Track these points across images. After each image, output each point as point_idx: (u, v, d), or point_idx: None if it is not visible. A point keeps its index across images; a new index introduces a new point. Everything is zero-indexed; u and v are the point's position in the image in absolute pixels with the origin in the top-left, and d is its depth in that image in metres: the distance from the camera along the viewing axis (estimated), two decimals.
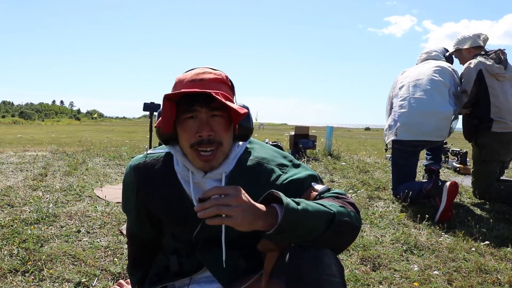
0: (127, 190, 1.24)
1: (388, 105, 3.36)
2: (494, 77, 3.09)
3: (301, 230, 0.90)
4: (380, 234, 2.50)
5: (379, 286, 1.89)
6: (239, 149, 1.14)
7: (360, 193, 3.39)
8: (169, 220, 1.20)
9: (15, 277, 1.80)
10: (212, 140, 1.04)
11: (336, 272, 0.92)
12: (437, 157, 3.44)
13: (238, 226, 0.87)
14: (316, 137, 5.82)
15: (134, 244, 1.34)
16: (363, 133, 43.73)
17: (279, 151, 1.20)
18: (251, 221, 0.88)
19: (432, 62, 3.28)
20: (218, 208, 0.86)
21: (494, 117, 3.07)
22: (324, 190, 1.06)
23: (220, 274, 1.13)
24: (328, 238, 0.93)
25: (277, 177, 1.11)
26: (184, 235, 1.17)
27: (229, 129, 1.08)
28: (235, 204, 0.86)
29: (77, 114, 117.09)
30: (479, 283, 1.92)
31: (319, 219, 0.92)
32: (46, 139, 9.49)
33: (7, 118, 66.15)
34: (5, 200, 2.78)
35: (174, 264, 1.19)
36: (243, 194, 0.89)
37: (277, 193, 0.92)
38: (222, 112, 1.05)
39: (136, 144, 7.83)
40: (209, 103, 1.03)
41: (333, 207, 0.94)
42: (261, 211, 0.90)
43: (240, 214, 0.86)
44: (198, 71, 1.09)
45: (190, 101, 1.03)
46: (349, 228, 0.96)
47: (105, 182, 3.60)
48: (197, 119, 1.04)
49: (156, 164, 1.19)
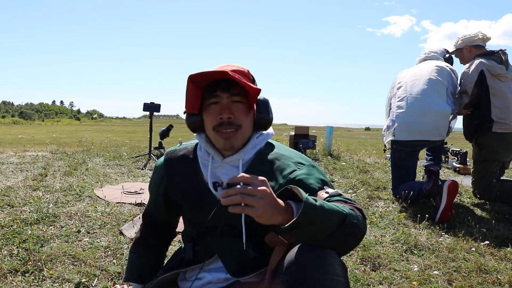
0: (156, 172, 1.34)
1: (387, 106, 3.36)
2: (496, 78, 3.09)
3: (315, 227, 0.91)
4: (380, 234, 2.51)
5: (379, 286, 1.89)
6: (258, 139, 1.21)
7: (360, 193, 3.39)
8: (186, 204, 1.26)
9: (15, 277, 1.80)
10: (232, 122, 1.13)
11: (340, 271, 0.93)
12: (437, 158, 3.44)
13: (258, 218, 0.89)
14: (316, 137, 5.82)
15: (146, 222, 1.42)
16: (363, 133, 43.72)
17: (298, 153, 1.26)
18: (271, 215, 0.89)
19: (430, 62, 3.28)
20: (243, 197, 0.87)
21: (495, 118, 3.07)
22: (335, 194, 1.08)
23: (229, 262, 1.17)
24: (337, 238, 0.94)
25: (290, 172, 1.16)
26: (199, 220, 1.22)
27: (249, 114, 1.17)
28: (259, 195, 0.87)
29: (77, 114, 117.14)
30: (479, 283, 1.92)
31: (333, 217, 0.93)
32: (46, 139, 9.50)
33: (7, 118, 66.16)
34: (5, 200, 2.78)
35: (188, 252, 1.24)
36: (268, 186, 0.91)
37: (295, 188, 0.95)
38: (242, 98, 1.15)
39: (136, 144, 7.83)
40: (229, 89, 1.13)
41: (345, 209, 0.96)
42: (281, 206, 0.92)
43: (262, 206, 0.87)
44: (222, 65, 1.20)
45: (213, 88, 1.14)
46: (356, 232, 0.97)
47: (105, 182, 3.60)
48: (219, 104, 1.15)
49: (184, 152, 1.29)
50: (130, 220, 2.54)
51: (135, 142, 9.73)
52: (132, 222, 2.51)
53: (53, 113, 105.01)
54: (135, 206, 2.87)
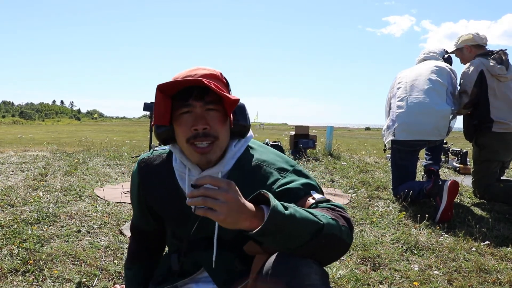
0: (132, 183, 1.28)
1: (387, 106, 3.36)
2: (495, 78, 3.09)
3: (285, 235, 0.88)
4: (380, 234, 2.51)
5: (379, 286, 1.89)
6: (236, 148, 1.13)
7: (360, 193, 3.39)
8: (166, 217, 1.22)
9: (16, 277, 1.80)
10: (207, 133, 1.04)
11: (317, 281, 0.90)
12: (436, 157, 3.44)
13: (221, 222, 0.85)
14: (316, 137, 5.82)
15: (136, 237, 1.37)
16: (363, 133, 43.72)
17: (282, 156, 1.19)
18: (236, 220, 0.85)
19: (429, 62, 3.28)
20: (204, 200, 0.83)
21: (495, 118, 3.07)
22: (322, 200, 1.03)
23: (215, 274, 1.13)
24: (313, 248, 0.91)
25: (274, 181, 1.09)
26: (182, 233, 1.18)
27: (225, 123, 1.08)
28: (222, 199, 0.83)
29: (77, 114, 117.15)
30: (479, 283, 1.92)
31: (305, 227, 0.89)
32: (46, 139, 9.50)
33: (7, 118, 66.18)
34: (5, 200, 2.79)
35: (174, 263, 1.20)
36: (234, 190, 0.86)
37: (266, 193, 0.90)
38: (217, 105, 1.05)
39: (137, 144, 7.83)
40: (203, 97, 1.04)
41: (324, 218, 0.91)
42: (249, 211, 0.87)
43: (224, 211, 0.83)
44: (192, 69, 1.10)
45: (184, 96, 1.04)
46: (336, 242, 0.93)
47: (105, 182, 3.60)
48: (192, 114, 1.05)
49: (159, 161, 1.22)
50: (130, 220, 2.54)
51: (135, 142, 9.74)
52: None
53: (53, 113, 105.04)
54: None
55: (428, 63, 3.29)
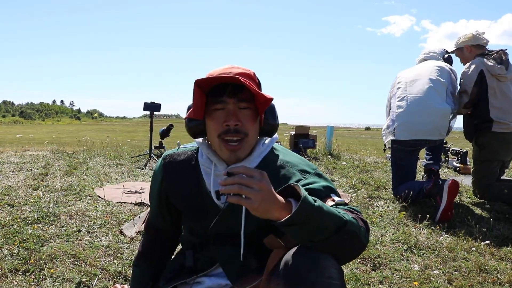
0: (154, 179, 1.29)
1: (387, 106, 3.36)
2: (495, 78, 3.09)
3: (311, 227, 0.90)
4: (381, 234, 2.51)
5: (379, 285, 1.89)
6: (264, 147, 1.17)
7: (361, 193, 3.39)
8: (187, 211, 1.23)
9: (16, 276, 1.80)
10: (238, 130, 1.08)
11: (335, 275, 0.92)
12: (436, 157, 3.44)
13: (254, 210, 0.88)
14: (316, 136, 5.82)
15: (149, 235, 1.37)
16: (363, 132, 43.72)
17: (304, 159, 1.22)
18: (267, 209, 0.88)
19: (430, 62, 3.29)
20: (240, 187, 0.86)
21: (494, 118, 3.07)
22: (341, 202, 1.06)
23: (230, 270, 1.15)
24: (334, 243, 0.93)
25: (296, 181, 1.12)
26: (201, 229, 1.20)
27: (256, 121, 1.12)
28: (257, 188, 0.87)
29: (78, 113, 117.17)
30: (479, 283, 1.92)
31: (331, 221, 0.92)
32: (46, 139, 9.50)
33: (7, 118, 66.19)
34: (5, 199, 2.79)
35: (189, 259, 1.22)
36: (267, 181, 0.90)
37: (297, 186, 0.93)
38: (249, 104, 1.09)
39: (137, 144, 7.83)
40: (236, 94, 1.07)
41: (347, 216, 0.95)
42: (279, 202, 0.90)
43: (258, 199, 0.86)
44: (227, 66, 1.14)
45: (219, 93, 1.08)
46: (356, 241, 0.96)
47: (105, 182, 3.60)
48: (225, 110, 1.09)
49: (184, 157, 1.24)
50: (131, 220, 2.54)
51: (135, 141, 9.74)
52: (133, 221, 2.51)
53: (54, 113, 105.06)
54: (135, 205, 2.87)
55: (428, 63, 3.29)
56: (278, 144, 1.28)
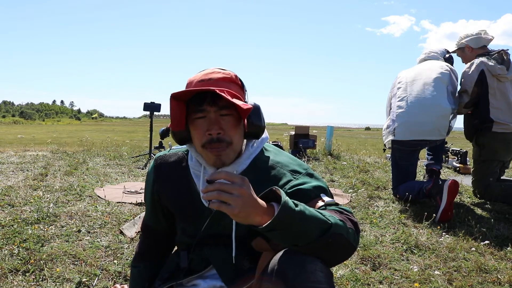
0: (147, 180, 1.29)
1: (388, 106, 3.36)
2: (496, 78, 3.09)
3: (293, 232, 0.89)
4: (380, 234, 2.51)
5: (379, 285, 1.89)
6: (253, 149, 1.16)
7: (360, 193, 3.39)
8: (178, 213, 1.23)
9: (16, 276, 1.80)
10: (221, 138, 1.07)
11: (322, 278, 0.91)
12: (438, 157, 3.44)
13: (234, 216, 0.87)
14: (316, 136, 5.82)
15: (146, 236, 1.38)
16: (363, 132, 43.70)
17: (296, 159, 1.22)
18: (248, 214, 0.87)
19: (430, 62, 3.29)
20: (219, 194, 0.86)
21: (494, 118, 3.07)
22: (331, 203, 1.05)
23: (223, 271, 1.15)
24: (320, 247, 0.92)
25: (286, 182, 1.12)
26: (193, 230, 1.20)
27: (239, 127, 1.11)
28: (236, 194, 0.86)
29: (78, 114, 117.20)
30: (479, 283, 1.92)
31: (313, 225, 0.91)
32: (47, 139, 9.50)
33: (7, 118, 66.17)
34: (5, 200, 2.79)
35: (183, 260, 1.22)
36: (248, 186, 0.89)
37: (278, 190, 0.92)
38: (231, 110, 1.08)
39: (137, 144, 7.83)
40: (217, 102, 1.06)
41: (332, 219, 0.93)
42: (261, 207, 0.89)
43: (238, 205, 0.86)
44: (207, 71, 1.13)
45: (199, 101, 1.07)
46: (343, 244, 0.95)
47: (105, 182, 3.60)
48: (206, 119, 1.08)
49: (175, 159, 1.24)
50: (131, 220, 2.54)
51: (135, 141, 9.74)
52: (133, 221, 2.51)
53: (54, 113, 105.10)
54: (135, 205, 2.87)
55: (428, 63, 3.29)
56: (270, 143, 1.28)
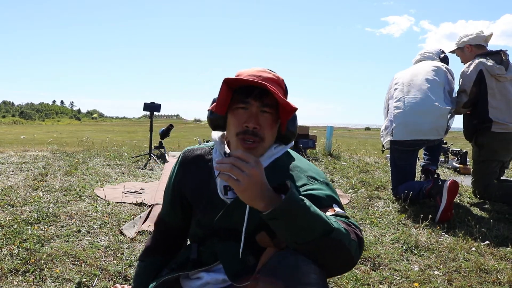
0: (171, 171, 1.33)
1: (385, 107, 3.37)
2: (494, 78, 3.09)
3: (295, 225, 0.90)
4: (380, 234, 2.51)
5: (379, 286, 1.89)
6: (276, 150, 1.19)
7: (360, 193, 3.40)
8: (196, 203, 1.26)
9: (16, 276, 1.80)
10: (256, 133, 1.10)
11: (314, 280, 0.91)
12: (434, 157, 3.44)
13: (240, 193, 0.90)
14: (316, 137, 5.82)
15: (158, 230, 1.40)
16: (363, 133, 43.71)
17: (315, 168, 1.24)
18: (254, 196, 0.90)
19: (426, 62, 3.29)
20: (231, 167, 0.90)
21: (493, 118, 3.07)
22: (342, 214, 1.05)
23: (229, 266, 1.16)
24: (319, 248, 0.93)
25: (302, 185, 1.14)
26: (207, 221, 1.22)
27: (274, 127, 1.15)
28: (247, 172, 0.89)
29: (78, 114, 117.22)
30: (479, 283, 1.92)
31: (316, 223, 0.91)
32: (47, 139, 9.50)
33: (7, 118, 66.19)
34: (5, 200, 2.79)
35: (194, 252, 1.24)
36: (260, 169, 0.92)
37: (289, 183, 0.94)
38: (271, 109, 1.12)
39: (137, 144, 7.84)
40: (262, 98, 1.10)
41: (336, 224, 0.94)
42: (268, 193, 0.92)
43: (246, 183, 0.89)
44: (258, 69, 1.17)
45: (245, 93, 1.11)
46: (342, 251, 0.94)
47: (105, 182, 3.60)
48: (247, 111, 1.12)
49: (201, 152, 1.29)
50: (131, 220, 2.54)
51: (135, 142, 9.74)
52: (133, 221, 2.51)
53: (54, 113, 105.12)
54: (135, 205, 2.88)
55: (424, 63, 3.30)
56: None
